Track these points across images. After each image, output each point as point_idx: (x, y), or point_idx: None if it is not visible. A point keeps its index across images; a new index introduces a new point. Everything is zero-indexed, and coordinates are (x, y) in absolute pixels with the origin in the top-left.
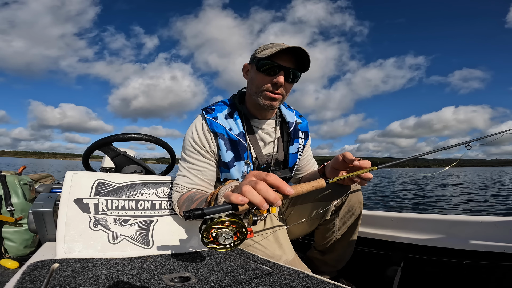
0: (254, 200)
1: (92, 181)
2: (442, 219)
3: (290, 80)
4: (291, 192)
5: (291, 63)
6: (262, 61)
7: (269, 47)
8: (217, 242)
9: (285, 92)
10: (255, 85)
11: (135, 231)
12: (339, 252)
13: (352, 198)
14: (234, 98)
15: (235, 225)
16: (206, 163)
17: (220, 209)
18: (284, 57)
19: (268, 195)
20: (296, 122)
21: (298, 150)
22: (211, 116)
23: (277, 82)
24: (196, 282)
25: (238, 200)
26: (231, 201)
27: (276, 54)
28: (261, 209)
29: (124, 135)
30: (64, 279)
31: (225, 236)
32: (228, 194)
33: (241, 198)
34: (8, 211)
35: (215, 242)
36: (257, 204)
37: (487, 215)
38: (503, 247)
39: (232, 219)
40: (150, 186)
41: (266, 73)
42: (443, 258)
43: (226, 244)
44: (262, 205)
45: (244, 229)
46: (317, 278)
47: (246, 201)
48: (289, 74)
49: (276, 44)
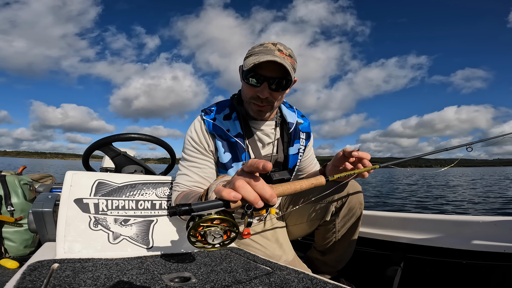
0: (248, 196)
1: (92, 181)
2: (442, 219)
3: (276, 88)
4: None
5: (275, 72)
6: (245, 71)
7: (254, 52)
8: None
9: (275, 100)
10: (243, 94)
11: (135, 231)
12: (339, 253)
13: (352, 199)
14: (233, 99)
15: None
16: (206, 160)
17: (210, 206)
18: (269, 67)
19: (264, 192)
20: (297, 123)
21: (299, 151)
22: (209, 118)
23: (260, 95)
24: (196, 282)
25: (230, 196)
26: (222, 197)
27: (259, 64)
28: (255, 207)
29: (124, 135)
30: (64, 279)
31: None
32: (220, 189)
33: (233, 194)
34: (8, 211)
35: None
36: (251, 201)
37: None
38: (503, 247)
39: (223, 217)
40: (150, 186)
41: (251, 84)
42: (443, 258)
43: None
44: (257, 202)
45: (235, 228)
46: (317, 278)
47: (239, 197)
48: (276, 83)
49: (263, 47)
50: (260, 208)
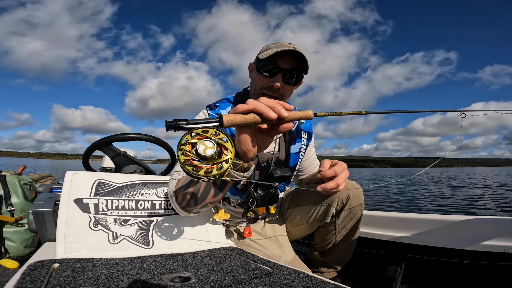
0: (259, 106)
1: (92, 181)
2: (442, 219)
3: (290, 82)
4: (291, 107)
5: (291, 64)
6: (261, 62)
7: (271, 47)
8: (195, 158)
9: (285, 94)
10: (254, 85)
11: (135, 231)
12: (339, 254)
13: (353, 200)
14: (238, 96)
15: (221, 138)
16: None
17: (206, 121)
18: (285, 59)
19: (272, 103)
20: (298, 122)
21: (300, 150)
22: (214, 112)
23: (273, 85)
24: (196, 282)
25: (244, 107)
26: (237, 109)
27: (276, 56)
28: (268, 116)
29: (124, 135)
30: (64, 279)
31: (206, 145)
32: (236, 106)
33: (246, 106)
34: (8, 211)
35: (193, 159)
36: (263, 110)
37: None
38: (503, 247)
39: (219, 131)
40: (150, 186)
41: (265, 74)
42: (443, 258)
43: (207, 157)
44: (269, 111)
45: (230, 144)
46: (317, 278)
47: (252, 107)
48: (289, 76)
49: (280, 44)
50: (274, 123)
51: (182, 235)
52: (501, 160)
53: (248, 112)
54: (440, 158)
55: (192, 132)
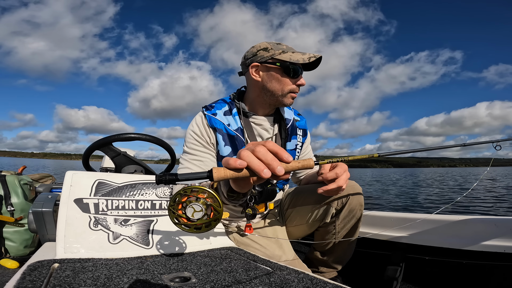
0: (253, 163)
1: (92, 181)
2: (442, 219)
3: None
4: (289, 159)
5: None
6: (292, 65)
7: (284, 50)
8: (184, 217)
9: None
10: (281, 88)
11: (135, 231)
12: (338, 254)
13: (353, 200)
14: (233, 96)
15: (210, 200)
16: (207, 153)
17: (195, 175)
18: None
19: (268, 158)
20: (293, 119)
21: (296, 147)
22: (210, 113)
23: (301, 84)
24: (196, 282)
25: (236, 164)
26: (229, 165)
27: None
28: (261, 176)
29: (124, 135)
30: (64, 279)
31: (194, 208)
32: (227, 159)
33: (239, 162)
34: (8, 211)
35: (182, 216)
36: (256, 169)
37: None
38: (503, 247)
39: (210, 191)
40: (150, 186)
41: (292, 76)
42: (443, 258)
43: (195, 220)
44: (262, 170)
45: (218, 205)
46: (317, 278)
47: (245, 164)
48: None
49: (286, 47)
50: (266, 178)
51: (182, 235)
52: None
53: (241, 169)
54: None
55: (181, 192)
